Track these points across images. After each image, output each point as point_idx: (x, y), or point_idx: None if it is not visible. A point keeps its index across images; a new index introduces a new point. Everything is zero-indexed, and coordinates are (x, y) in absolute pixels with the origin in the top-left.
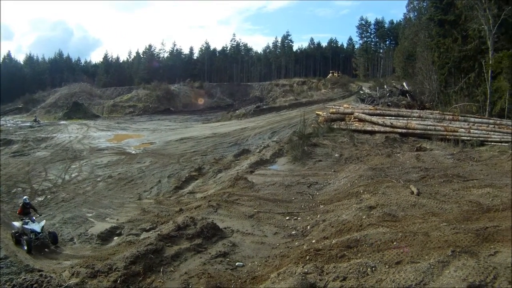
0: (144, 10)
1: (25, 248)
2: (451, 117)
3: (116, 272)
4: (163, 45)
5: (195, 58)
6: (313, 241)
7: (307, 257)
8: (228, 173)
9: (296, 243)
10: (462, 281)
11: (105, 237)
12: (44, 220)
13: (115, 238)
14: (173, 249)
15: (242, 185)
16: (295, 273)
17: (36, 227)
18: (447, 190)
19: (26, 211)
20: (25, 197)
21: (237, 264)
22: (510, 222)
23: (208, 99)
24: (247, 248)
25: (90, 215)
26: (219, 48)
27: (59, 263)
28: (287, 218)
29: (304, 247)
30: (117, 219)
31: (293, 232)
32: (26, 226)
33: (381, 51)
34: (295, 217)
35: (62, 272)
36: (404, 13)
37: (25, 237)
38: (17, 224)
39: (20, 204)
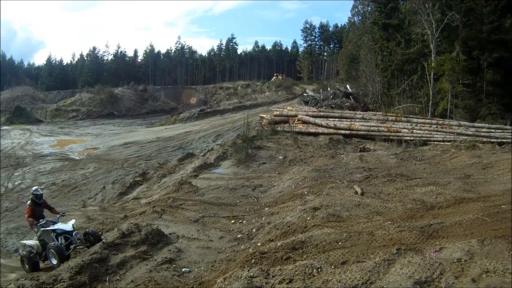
0: (91, 10)
1: (54, 262)
2: (394, 118)
3: (61, 283)
4: (107, 47)
5: (139, 60)
6: (259, 244)
7: (253, 261)
8: (173, 178)
9: (242, 247)
10: (408, 278)
11: None
12: (74, 220)
13: None
14: (119, 257)
15: (186, 190)
16: (241, 277)
17: (65, 226)
18: (391, 189)
19: (38, 211)
20: (35, 187)
21: (183, 270)
22: (454, 218)
23: (152, 102)
24: (193, 254)
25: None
26: (164, 50)
27: (4, 276)
28: (233, 221)
29: (250, 250)
30: None
31: (239, 236)
32: (49, 228)
33: (325, 54)
34: (241, 221)
35: (8, 285)
36: (349, 17)
37: (52, 243)
38: (30, 241)
39: (29, 202)
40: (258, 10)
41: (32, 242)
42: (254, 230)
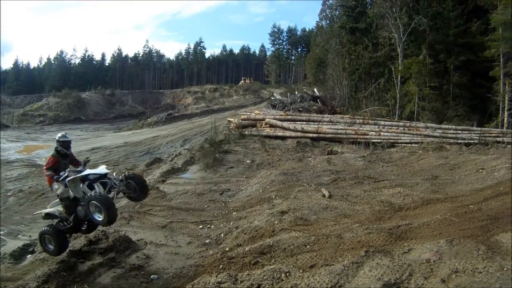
0: (59, 13)
1: (100, 217)
2: (361, 121)
3: None
4: (75, 51)
5: (107, 64)
6: (227, 249)
7: (221, 266)
8: None
9: (210, 252)
10: (377, 280)
11: (18, 255)
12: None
13: (28, 256)
14: (86, 265)
15: (154, 195)
16: (209, 283)
17: (97, 170)
18: (358, 191)
19: (64, 165)
20: (62, 133)
21: (152, 277)
22: (422, 219)
23: (120, 107)
24: (162, 260)
25: (2, 232)
26: (132, 54)
27: None
28: (201, 226)
29: (218, 255)
30: (30, 236)
31: (207, 241)
32: (77, 176)
33: (293, 58)
34: (209, 225)
35: None
36: (317, 21)
37: (89, 194)
38: (50, 208)
39: (51, 152)
40: (226, 14)
41: (52, 208)
42: (222, 235)
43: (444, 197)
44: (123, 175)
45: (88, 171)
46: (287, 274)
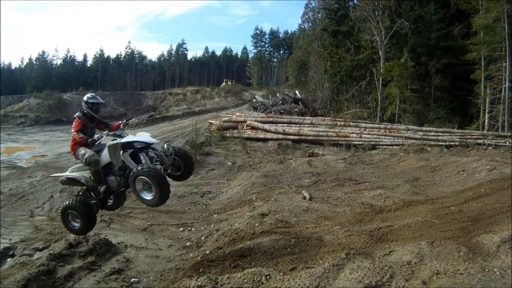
0: (43, 12)
1: (149, 196)
2: (343, 123)
3: None
4: (56, 51)
5: (89, 65)
6: (207, 252)
7: (201, 269)
8: None
9: (191, 255)
10: (358, 283)
11: None
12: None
13: (8, 260)
14: (66, 269)
15: (134, 197)
16: (189, 286)
17: (142, 137)
18: (339, 193)
19: (91, 129)
20: (90, 93)
21: (132, 280)
22: (403, 221)
23: (101, 108)
24: (142, 263)
25: None
26: (114, 55)
27: None
28: (181, 229)
29: (198, 258)
30: (10, 239)
31: (188, 244)
32: (119, 142)
33: (275, 60)
34: (189, 228)
35: None
36: (299, 24)
37: (140, 168)
38: (75, 172)
39: (77, 113)
40: (209, 16)
41: (76, 173)
42: (203, 237)
43: (425, 199)
44: (171, 148)
45: (133, 137)
46: (268, 277)
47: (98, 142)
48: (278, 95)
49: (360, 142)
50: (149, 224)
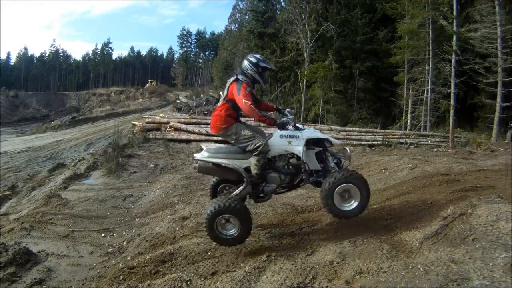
0: None
1: (347, 208)
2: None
3: None
4: None
5: (12, 64)
6: (128, 258)
7: (121, 277)
8: (42, 190)
9: (113, 262)
10: (280, 285)
11: None
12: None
13: None
14: None
15: (55, 203)
16: None
17: (327, 136)
18: None
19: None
20: (257, 55)
21: None
22: (325, 220)
23: (24, 109)
24: (64, 272)
25: None
26: (38, 54)
27: None
28: (103, 235)
29: (120, 265)
30: None
31: (110, 250)
32: (321, 135)
33: (201, 61)
34: (111, 233)
35: None
36: (226, 25)
37: (339, 173)
38: (235, 160)
39: (240, 76)
40: (136, 15)
41: (228, 161)
42: (124, 243)
43: None
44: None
45: (322, 135)
46: (188, 282)
47: (287, 127)
48: (202, 96)
49: None
50: (71, 230)
